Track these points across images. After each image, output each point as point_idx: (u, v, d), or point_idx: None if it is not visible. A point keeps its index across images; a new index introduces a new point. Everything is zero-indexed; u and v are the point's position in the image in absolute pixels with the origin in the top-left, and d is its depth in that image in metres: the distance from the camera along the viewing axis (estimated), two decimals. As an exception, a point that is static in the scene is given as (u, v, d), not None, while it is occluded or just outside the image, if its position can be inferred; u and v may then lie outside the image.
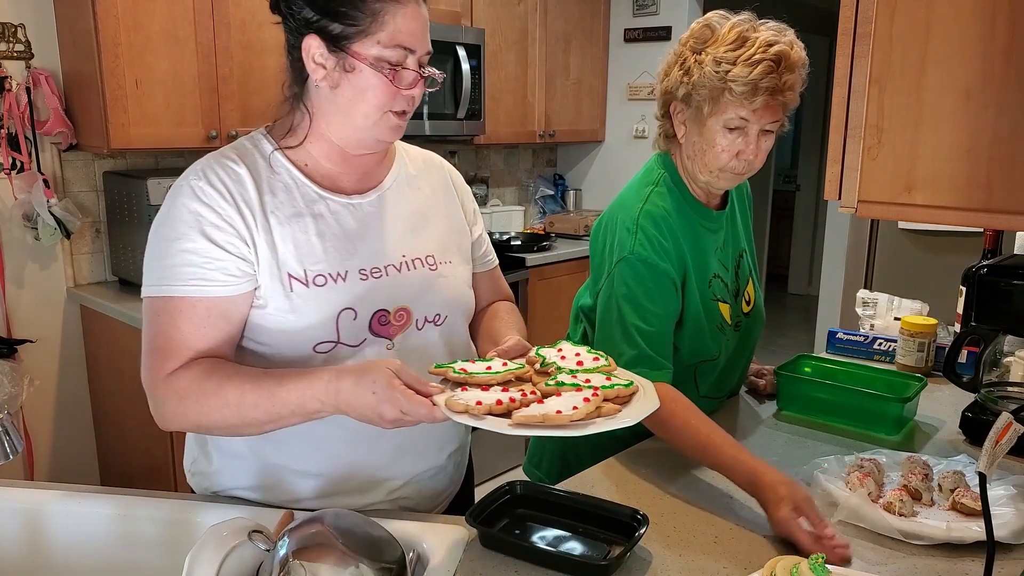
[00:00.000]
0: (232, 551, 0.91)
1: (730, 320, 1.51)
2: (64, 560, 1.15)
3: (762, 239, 6.49)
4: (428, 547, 1.05)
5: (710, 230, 1.49)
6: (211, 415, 1.04)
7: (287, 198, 1.12)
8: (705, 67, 1.33)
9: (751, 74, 1.29)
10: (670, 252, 1.39)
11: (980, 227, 1.49)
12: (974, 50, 1.03)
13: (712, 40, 1.35)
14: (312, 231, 1.12)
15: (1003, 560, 1.06)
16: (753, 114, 1.32)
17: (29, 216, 2.59)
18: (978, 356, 1.49)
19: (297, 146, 1.15)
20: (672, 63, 1.42)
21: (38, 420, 2.76)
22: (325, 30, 1.06)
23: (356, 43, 1.06)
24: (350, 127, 1.12)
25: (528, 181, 4.50)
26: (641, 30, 4.18)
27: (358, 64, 1.06)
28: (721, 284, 1.49)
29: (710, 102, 1.34)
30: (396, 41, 1.06)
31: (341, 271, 1.11)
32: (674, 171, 1.47)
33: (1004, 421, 0.93)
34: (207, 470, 1.21)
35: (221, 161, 1.11)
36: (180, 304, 1.06)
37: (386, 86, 1.07)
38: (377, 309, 1.13)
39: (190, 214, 1.07)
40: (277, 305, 1.08)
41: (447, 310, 1.21)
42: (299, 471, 1.16)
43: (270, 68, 2.80)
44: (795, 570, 0.94)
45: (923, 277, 2.78)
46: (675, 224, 1.41)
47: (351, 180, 1.18)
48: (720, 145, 1.36)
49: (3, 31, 2.53)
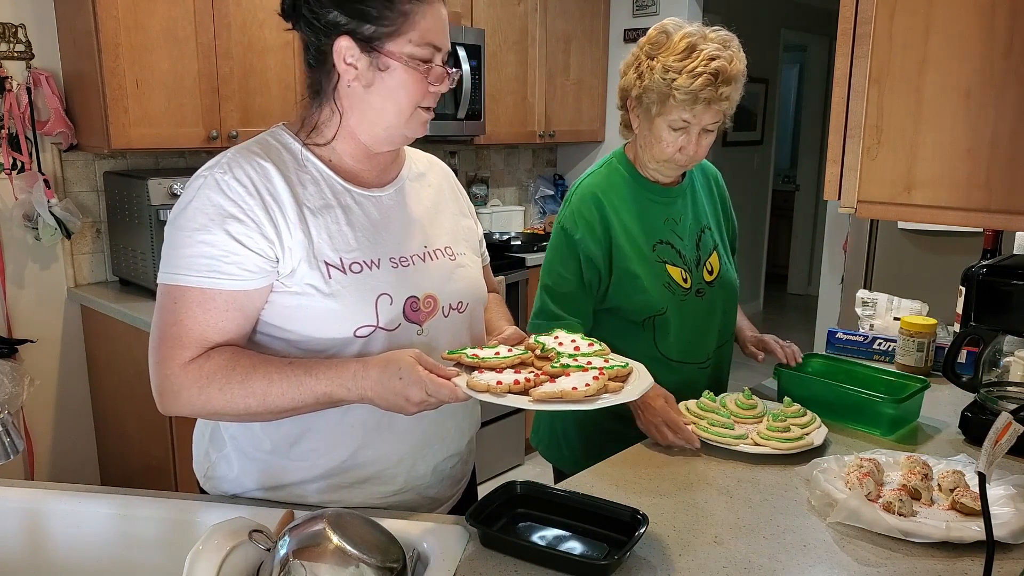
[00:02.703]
0: (232, 551, 0.91)
1: (685, 284, 1.65)
2: (64, 560, 1.15)
3: (762, 239, 6.49)
4: (428, 547, 1.05)
5: (658, 203, 1.66)
6: (235, 403, 1.06)
7: (316, 191, 1.14)
8: (655, 73, 1.51)
9: (692, 85, 1.47)
10: (593, 225, 1.58)
11: (980, 227, 1.49)
12: (974, 50, 1.03)
13: (665, 47, 1.53)
14: (343, 221, 1.15)
15: (1002, 560, 1.06)
16: (694, 117, 1.51)
17: (29, 216, 2.59)
18: (978, 356, 1.49)
19: (324, 144, 1.17)
20: (630, 64, 1.61)
21: (38, 420, 2.76)
22: (357, 32, 1.09)
23: (389, 43, 1.09)
24: (382, 124, 1.15)
25: (528, 181, 4.51)
26: (641, 30, 4.16)
27: (392, 63, 1.10)
28: (670, 249, 1.65)
29: (658, 104, 1.53)
30: (426, 39, 1.10)
31: (374, 258, 1.15)
32: (625, 155, 1.68)
33: (1003, 421, 0.93)
34: (230, 475, 1.21)
35: (247, 155, 1.12)
36: (197, 295, 1.07)
37: (420, 82, 1.12)
38: (409, 295, 1.17)
39: (213, 207, 1.08)
40: (318, 291, 1.10)
41: (468, 298, 1.26)
42: (319, 470, 1.17)
43: (270, 68, 2.81)
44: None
45: (923, 277, 2.78)
46: (614, 198, 1.61)
47: (372, 175, 1.21)
48: (666, 141, 1.56)
49: (3, 31, 2.53)
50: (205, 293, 1.07)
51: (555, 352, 1.17)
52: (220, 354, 1.07)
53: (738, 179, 5.78)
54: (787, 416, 1.45)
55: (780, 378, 1.66)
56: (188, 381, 1.07)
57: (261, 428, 1.17)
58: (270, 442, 1.17)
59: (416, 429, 1.19)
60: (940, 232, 2.80)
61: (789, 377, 1.65)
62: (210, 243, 1.07)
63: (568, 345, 1.20)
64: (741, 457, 1.39)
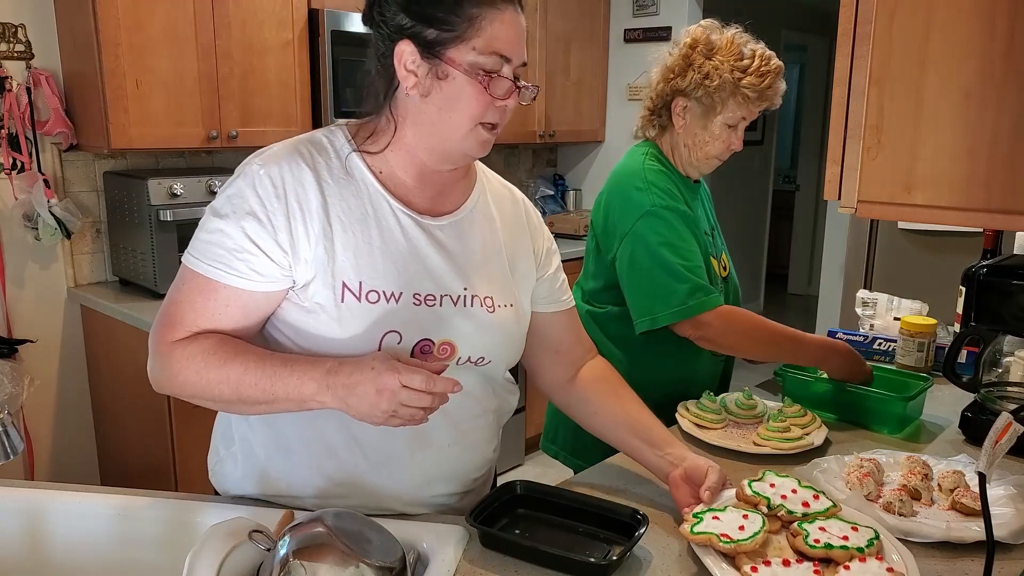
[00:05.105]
0: (232, 551, 0.91)
1: (717, 274, 1.70)
2: (64, 560, 1.15)
3: (762, 239, 6.48)
4: (428, 547, 1.05)
5: (692, 197, 1.70)
6: (209, 388, 1.04)
7: (356, 203, 1.08)
8: (723, 73, 1.56)
9: (762, 83, 1.56)
10: (680, 199, 1.61)
11: (980, 227, 1.49)
12: (974, 51, 1.03)
13: (720, 48, 1.58)
14: (375, 242, 1.08)
15: (1002, 560, 1.06)
16: (749, 114, 1.60)
17: (29, 216, 2.59)
18: (978, 356, 1.49)
19: (377, 153, 1.11)
20: (684, 66, 1.60)
21: (38, 420, 2.76)
22: (419, 36, 1.03)
23: (451, 49, 1.02)
24: (438, 138, 1.08)
25: (528, 181, 4.50)
26: (641, 30, 4.18)
27: (452, 71, 1.03)
28: (710, 240, 1.70)
29: (721, 103, 1.58)
30: (492, 48, 1.03)
31: (395, 291, 1.08)
32: (659, 151, 1.68)
33: (1004, 421, 0.93)
34: (234, 474, 1.21)
35: (292, 153, 1.08)
36: (202, 282, 1.05)
37: (480, 94, 1.04)
38: (422, 338, 1.09)
39: (240, 199, 1.05)
40: (326, 313, 1.06)
41: (493, 355, 1.16)
42: (313, 490, 1.15)
43: (270, 68, 2.81)
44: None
45: (923, 277, 2.78)
46: (674, 182, 1.64)
47: (424, 198, 1.13)
48: (720, 138, 1.62)
49: (3, 31, 2.53)
50: (209, 283, 1.05)
51: (784, 509, 1.07)
52: (207, 338, 1.05)
53: (738, 179, 5.78)
54: (787, 416, 1.45)
55: (784, 380, 1.65)
56: (170, 360, 1.05)
57: (262, 435, 1.16)
58: (265, 452, 1.16)
59: (421, 467, 1.14)
60: (940, 232, 2.79)
61: (794, 378, 1.64)
62: (228, 235, 1.04)
63: (793, 498, 1.09)
64: (742, 457, 1.39)
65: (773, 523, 1.07)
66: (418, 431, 1.07)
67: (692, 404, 1.53)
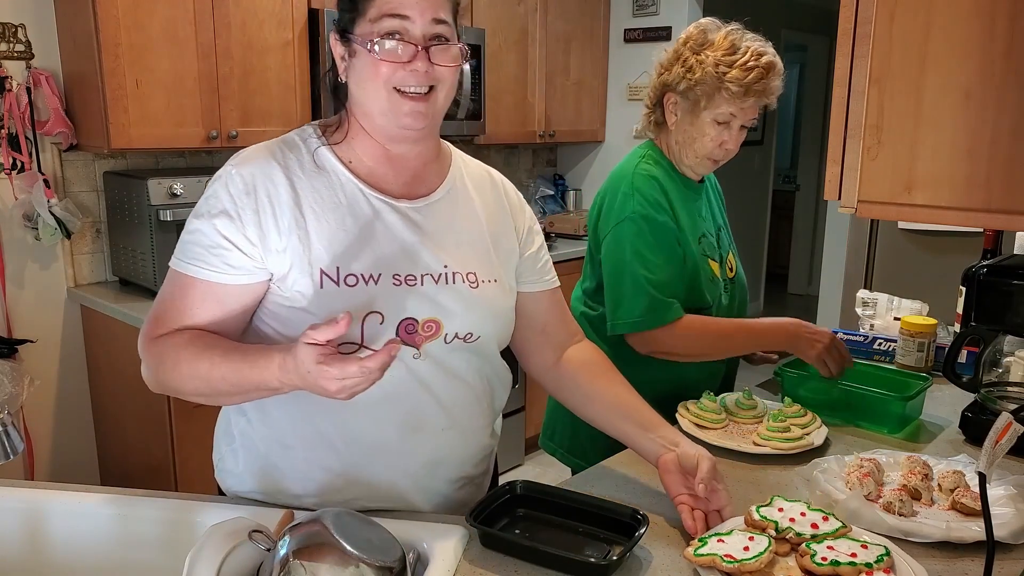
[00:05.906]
0: (232, 551, 0.91)
1: (720, 276, 1.69)
2: (64, 560, 1.15)
3: (762, 239, 6.49)
4: (428, 547, 1.05)
5: (693, 198, 1.69)
6: (184, 383, 1.07)
7: (328, 193, 1.11)
8: (706, 67, 1.54)
9: (745, 78, 1.52)
10: (665, 207, 1.59)
11: (980, 227, 1.49)
12: (974, 50, 1.03)
13: (710, 44, 1.57)
14: (350, 228, 1.10)
15: (1003, 560, 1.06)
16: (740, 111, 1.57)
17: (29, 216, 2.59)
18: (978, 356, 1.49)
19: (342, 142, 1.16)
20: (672, 60, 1.62)
21: (38, 420, 2.76)
22: (339, 24, 1.11)
23: (356, 27, 1.08)
24: (369, 116, 1.12)
25: (528, 181, 4.50)
26: (641, 30, 4.18)
27: (356, 47, 1.08)
28: (710, 242, 1.69)
29: (706, 97, 1.56)
30: (383, 11, 1.05)
31: (374, 273, 1.09)
32: (659, 151, 1.68)
33: (1004, 421, 0.93)
34: (235, 470, 1.22)
35: (264, 153, 1.12)
36: (180, 279, 1.09)
37: (375, 61, 1.06)
38: (405, 317, 1.10)
39: (215, 199, 1.09)
40: (307, 300, 1.08)
41: (481, 330, 1.17)
42: (313, 484, 1.16)
43: (270, 68, 2.81)
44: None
45: (923, 277, 2.78)
46: (666, 186, 1.62)
47: (398, 184, 1.16)
48: (709, 135, 1.59)
49: (3, 31, 2.53)
50: (187, 279, 1.08)
51: (792, 532, 1.05)
52: (181, 335, 1.08)
53: (738, 179, 5.78)
54: (787, 416, 1.45)
55: (783, 379, 1.65)
56: (149, 356, 1.09)
57: (261, 431, 1.17)
58: (265, 446, 1.17)
59: (416, 453, 1.16)
60: (940, 232, 2.79)
61: (793, 378, 1.64)
62: (204, 233, 1.08)
63: (802, 521, 1.07)
64: (741, 457, 1.39)
65: (782, 546, 1.05)
66: (408, 418, 1.13)
67: (692, 404, 1.53)
